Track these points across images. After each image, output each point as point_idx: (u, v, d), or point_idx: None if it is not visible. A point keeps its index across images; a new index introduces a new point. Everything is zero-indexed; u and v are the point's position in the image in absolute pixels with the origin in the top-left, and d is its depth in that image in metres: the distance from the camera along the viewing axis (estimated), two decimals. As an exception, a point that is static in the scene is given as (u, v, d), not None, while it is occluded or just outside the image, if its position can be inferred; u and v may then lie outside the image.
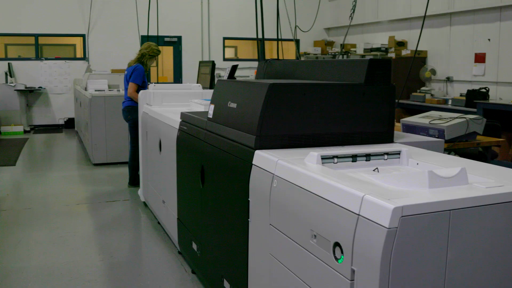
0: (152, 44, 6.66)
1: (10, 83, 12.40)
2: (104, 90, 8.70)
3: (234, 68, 5.50)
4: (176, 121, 3.99)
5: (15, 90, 12.28)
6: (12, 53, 13.74)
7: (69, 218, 5.46)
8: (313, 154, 2.26)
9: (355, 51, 12.43)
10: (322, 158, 2.27)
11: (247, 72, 13.18)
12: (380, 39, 12.31)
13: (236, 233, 2.75)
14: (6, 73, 12.56)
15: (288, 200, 2.17)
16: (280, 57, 7.60)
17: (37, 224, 5.24)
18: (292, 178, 2.15)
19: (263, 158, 2.43)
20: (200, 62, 6.99)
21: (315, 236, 1.95)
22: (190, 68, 13.76)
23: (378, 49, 11.69)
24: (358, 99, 2.71)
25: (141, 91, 5.63)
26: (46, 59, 13.23)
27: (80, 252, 4.48)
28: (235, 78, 5.59)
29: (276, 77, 3.71)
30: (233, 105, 2.85)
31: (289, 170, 2.20)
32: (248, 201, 2.53)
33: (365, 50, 12.01)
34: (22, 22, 12.84)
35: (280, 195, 2.24)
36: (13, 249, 4.54)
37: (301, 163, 2.23)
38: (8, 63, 12.62)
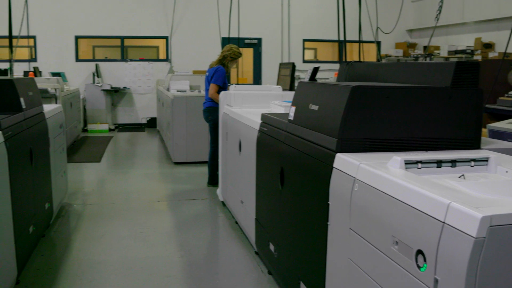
0: (234, 46, 6.75)
1: (97, 83, 12.94)
2: (185, 91, 8.90)
3: (315, 70, 5.48)
4: (256, 122, 4.01)
5: (101, 90, 12.80)
6: (99, 54, 14.34)
7: (149, 215, 5.62)
8: (396, 159, 2.21)
9: (439, 53, 12.08)
10: (405, 163, 2.22)
11: (327, 74, 13.09)
12: (465, 41, 11.89)
13: (315, 236, 2.73)
14: (93, 74, 13.13)
15: (369, 204, 2.13)
16: (361, 59, 7.50)
17: (119, 219, 5.44)
18: (374, 183, 2.12)
19: (344, 161, 2.41)
20: (280, 64, 7.00)
21: (396, 242, 1.91)
22: (269, 69, 13.85)
23: (463, 51, 11.30)
24: (444, 103, 2.63)
25: (222, 92, 5.71)
26: (131, 60, 13.71)
27: (159, 248, 4.60)
28: (316, 80, 5.56)
29: (358, 79, 3.66)
30: (315, 107, 2.84)
31: (372, 174, 2.16)
32: (328, 204, 2.51)
33: (450, 52, 11.64)
34: (109, 25, 13.38)
35: (361, 200, 2.21)
36: (97, 242, 4.73)
37: (384, 168, 2.19)
38: (96, 64, 13.18)
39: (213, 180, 6.70)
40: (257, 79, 14.26)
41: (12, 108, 3.93)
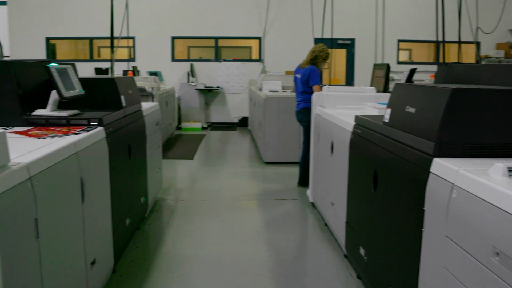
0: (325, 46, 6.70)
1: (191, 82, 13.29)
2: (278, 91, 8.95)
3: (412, 72, 5.33)
4: (349, 124, 3.96)
5: (195, 89, 13.12)
6: (194, 55, 14.71)
7: (239, 213, 5.70)
8: (499, 165, 2.10)
9: (545, 55, 11.40)
10: (509, 170, 2.10)
11: (422, 76, 12.71)
12: None
13: (408, 242, 2.66)
14: (188, 73, 13.49)
15: (468, 212, 2.04)
16: (459, 61, 7.21)
17: (210, 216, 5.55)
18: (474, 190, 2.02)
19: (442, 166, 2.32)
20: (375, 65, 6.87)
21: (497, 253, 1.81)
22: (362, 70, 13.64)
23: None
24: (552, 107, 2.47)
25: (315, 93, 5.68)
26: (225, 60, 13.96)
27: (248, 246, 4.65)
28: (412, 82, 5.41)
29: (457, 81, 3.53)
30: (411, 109, 2.76)
31: (472, 181, 2.07)
32: (423, 210, 2.43)
33: (557, 54, 10.96)
34: (203, 26, 13.71)
35: (459, 207, 2.12)
36: (188, 237, 4.85)
37: (485, 174, 2.09)
38: (191, 64, 13.54)
39: (303, 181, 6.68)
40: (349, 80, 14.09)
41: (113, 106, 4.11)
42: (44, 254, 2.30)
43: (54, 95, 3.57)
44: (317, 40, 11.55)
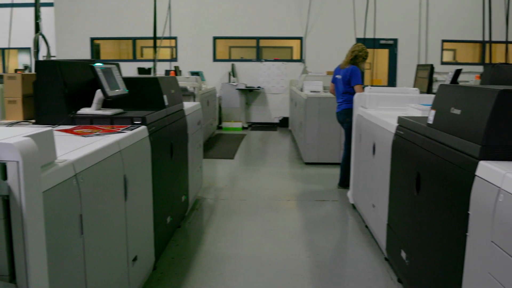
0: (364, 46, 6.64)
1: (232, 82, 13.35)
2: (319, 92, 8.91)
3: (457, 73, 5.23)
4: (392, 125, 3.91)
5: (236, 89, 13.18)
6: (235, 55, 14.78)
7: (279, 213, 5.70)
8: (549, 170, 2.04)
9: None
10: (558, 175, 2.04)
11: (467, 76, 12.45)
12: None
13: (451, 246, 2.60)
14: (229, 73, 13.56)
15: (516, 217, 1.99)
16: (507, 61, 7.04)
17: (250, 215, 5.56)
18: (522, 194, 1.97)
19: (488, 169, 2.27)
20: (418, 66, 6.76)
21: (546, 260, 1.76)
22: (405, 71, 13.46)
23: None
24: None
25: (357, 94, 5.63)
26: (266, 60, 13.97)
27: (288, 247, 4.64)
28: (457, 83, 5.31)
29: (505, 83, 3.44)
30: (457, 111, 2.70)
31: (519, 185, 2.01)
32: (468, 214, 2.38)
33: None
34: (245, 27, 13.77)
35: (506, 211, 2.06)
36: (228, 236, 4.88)
37: (533, 178, 2.03)
38: (232, 64, 13.61)
39: (344, 182, 6.63)
40: (391, 81, 13.91)
41: (156, 105, 4.16)
42: (88, 250, 2.35)
43: (98, 94, 3.64)
44: (359, 40, 11.47)
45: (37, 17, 6.53)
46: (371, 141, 4.64)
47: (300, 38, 13.83)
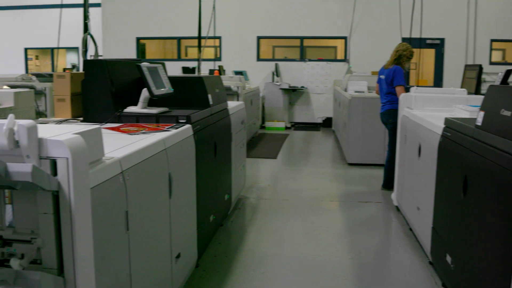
0: (409, 45, 6.53)
1: (276, 82, 13.35)
2: (363, 92, 8.82)
3: (508, 73, 5.08)
4: (438, 126, 3.84)
5: (280, 88, 13.17)
6: (278, 54, 14.78)
7: (321, 213, 5.66)
8: None
9: None
10: None
11: (517, 77, 12.10)
12: None
13: (500, 251, 2.53)
14: (273, 73, 13.57)
15: None
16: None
17: (292, 215, 5.55)
18: None
19: (540, 173, 2.20)
20: (466, 66, 6.61)
21: None
22: (451, 71, 13.18)
23: None
24: None
25: (402, 94, 5.55)
26: (309, 60, 13.92)
27: (330, 248, 4.61)
28: (508, 84, 5.17)
29: (558, 84, 3.33)
30: (507, 113, 2.63)
31: None
32: (518, 218, 2.32)
33: None
34: (289, 26, 13.75)
35: (559, 217, 2.00)
36: (270, 235, 4.88)
37: None
38: (275, 64, 13.61)
39: (388, 184, 6.54)
40: (438, 82, 13.64)
41: (201, 104, 4.20)
42: (133, 246, 2.39)
43: (144, 93, 3.69)
44: (404, 40, 11.29)
45: (85, 17, 6.67)
46: (416, 143, 4.57)
47: (345, 38, 13.72)
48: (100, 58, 6.74)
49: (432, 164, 3.91)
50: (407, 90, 6.12)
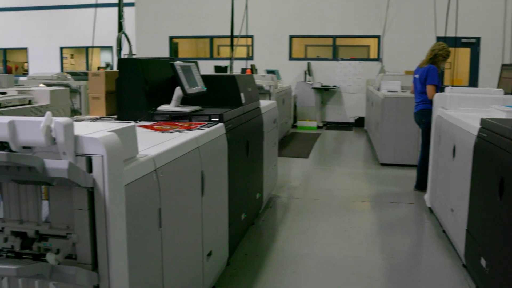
0: (445, 44, 6.43)
1: (308, 81, 13.31)
2: (397, 91, 8.72)
3: (546, 73, 4.98)
4: (474, 127, 3.77)
5: (312, 88, 13.12)
6: (311, 53, 14.74)
7: (353, 214, 5.63)
8: None
9: None
10: None
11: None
12: None
13: (537, 255, 2.48)
14: (305, 72, 13.53)
15: None
16: None
17: (323, 215, 5.52)
18: None
19: None
20: (503, 65, 6.48)
21: None
22: (487, 71, 12.93)
23: None
24: None
25: (437, 94, 5.48)
26: (342, 59, 13.84)
27: (362, 248, 4.58)
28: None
29: None
30: (546, 113, 2.57)
31: None
32: (556, 222, 2.26)
33: None
34: (321, 25, 13.69)
35: None
36: (301, 235, 4.87)
37: None
38: (308, 63, 13.57)
39: (421, 185, 6.45)
40: (473, 81, 13.40)
41: (233, 103, 4.21)
42: (165, 243, 2.41)
43: (178, 91, 3.72)
44: (439, 39, 11.14)
45: (120, 16, 6.76)
46: (451, 143, 4.50)
47: (378, 37, 13.59)
48: (134, 57, 6.82)
49: (467, 165, 3.85)
50: (441, 90, 6.03)
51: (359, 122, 13.42)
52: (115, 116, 3.79)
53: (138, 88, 3.61)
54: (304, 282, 3.85)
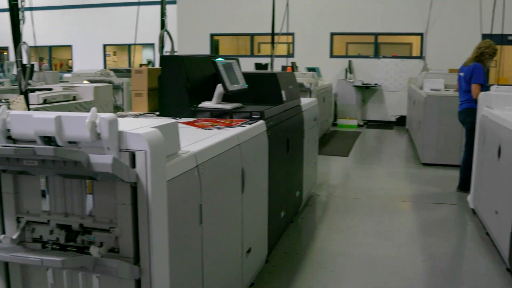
0: (492, 42, 6.27)
1: (349, 79, 13.21)
2: (440, 90, 8.56)
3: None
4: (521, 127, 3.68)
5: (353, 86, 13.01)
6: (352, 51, 14.60)
7: (394, 214, 5.56)
8: None
9: None
10: None
11: None
12: None
13: None
14: (346, 70, 13.43)
15: None
16: None
17: (363, 215, 5.47)
18: None
19: None
20: (551, 64, 6.31)
21: None
22: (536, 70, 12.59)
23: None
24: None
25: (482, 93, 5.36)
26: (384, 57, 13.66)
27: (402, 249, 4.52)
28: None
29: None
30: None
31: None
32: None
33: None
34: (363, 22, 13.55)
35: None
36: (341, 234, 4.84)
37: None
38: (349, 61, 13.46)
39: (464, 185, 6.31)
40: (520, 80, 13.06)
41: (274, 100, 4.21)
42: (205, 239, 2.42)
43: (219, 88, 3.74)
44: (484, 36, 10.87)
45: (163, 14, 6.84)
46: (496, 143, 4.39)
47: (421, 34, 13.36)
48: (175, 54, 6.89)
49: (513, 166, 3.76)
50: (486, 89, 5.89)
51: (401, 121, 13.23)
52: (157, 113, 3.83)
53: (180, 85, 3.65)
54: (342, 281, 3.82)
